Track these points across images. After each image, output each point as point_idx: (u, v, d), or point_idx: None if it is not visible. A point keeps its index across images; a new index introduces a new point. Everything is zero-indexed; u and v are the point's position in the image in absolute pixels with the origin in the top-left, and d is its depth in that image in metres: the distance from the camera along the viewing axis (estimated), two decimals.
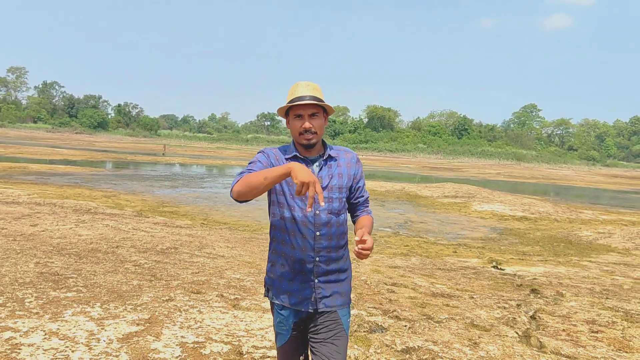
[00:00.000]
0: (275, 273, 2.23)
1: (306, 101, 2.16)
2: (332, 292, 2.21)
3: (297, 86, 2.25)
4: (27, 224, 7.71)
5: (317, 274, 2.18)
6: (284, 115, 2.31)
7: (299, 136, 2.20)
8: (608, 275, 7.74)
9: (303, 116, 2.19)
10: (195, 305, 4.52)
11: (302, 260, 2.16)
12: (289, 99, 2.23)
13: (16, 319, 3.76)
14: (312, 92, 2.21)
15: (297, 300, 2.18)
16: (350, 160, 2.31)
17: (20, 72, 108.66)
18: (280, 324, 2.23)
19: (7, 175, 18.35)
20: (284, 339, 2.24)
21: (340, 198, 2.24)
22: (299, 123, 2.19)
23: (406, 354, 3.79)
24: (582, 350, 4.15)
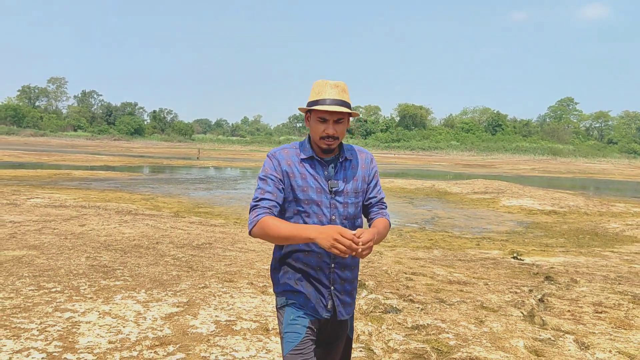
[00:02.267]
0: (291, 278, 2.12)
1: (333, 107, 2.05)
2: (347, 300, 2.16)
3: (324, 86, 2.11)
4: (76, 224, 8.43)
5: (333, 281, 2.11)
6: (304, 112, 2.19)
7: (319, 140, 2.10)
8: (626, 264, 7.92)
9: (328, 121, 2.08)
10: (227, 291, 5.04)
11: (319, 267, 2.10)
12: (314, 99, 2.11)
13: (74, 303, 4.35)
14: (340, 96, 2.09)
15: (314, 304, 2.09)
16: (364, 160, 2.23)
17: (60, 82, 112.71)
18: (294, 321, 2.08)
19: (53, 182, 19.41)
20: (298, 338, 2.05)
21: (356, 203, 2.17)
22: (322, 127, 2.08)
23: (415, 330, 4.21)
24: (581, 327, 4.48)
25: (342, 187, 2.12)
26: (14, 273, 5.17)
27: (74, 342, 3.51)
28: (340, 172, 2.14)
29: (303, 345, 2.03)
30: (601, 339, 4.17)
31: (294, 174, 2.10)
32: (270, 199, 2.05)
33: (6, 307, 4.12)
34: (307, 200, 2.08)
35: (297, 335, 2.04)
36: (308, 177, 2.10)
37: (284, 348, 2.06)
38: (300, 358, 2.02)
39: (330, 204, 2.09)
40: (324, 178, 2.11)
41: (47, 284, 4.83)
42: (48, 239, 7.05)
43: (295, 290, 2.10)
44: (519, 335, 4.15)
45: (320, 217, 2.08)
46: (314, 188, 2.08)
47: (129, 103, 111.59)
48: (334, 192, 2.10)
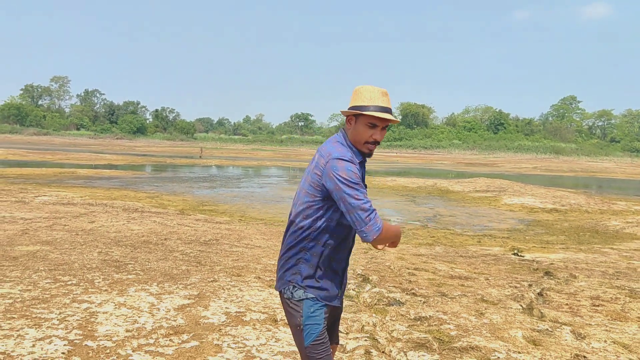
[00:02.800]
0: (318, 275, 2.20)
1: (388, 116, 2.14)
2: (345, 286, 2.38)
3: (375, 92, 2.16)
4: (86, 221, 8.61)
5: (343, 272, 2.28)
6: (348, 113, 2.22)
7: (363, 144, 2.17)
8: (625, 260, 8.07)
9: (377, 127, 2.15)
10: (236, 285, 5.21)
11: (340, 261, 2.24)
12: (365, 104, 2.15)
13: (90, 295, 4.53)
14: (389, 105, 2.19)
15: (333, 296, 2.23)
16: None
17: (63, 81, 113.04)
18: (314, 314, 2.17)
19: (59, 180, 19.60)
20: (319, 329, 2.17)
21: None
22: (370, 132, 2.15)
23: (418, 321, 4.37)
24: (578, 319, 4.64)
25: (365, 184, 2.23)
26: (30, 267, 5.35)
27: (93, 330, 3.68)
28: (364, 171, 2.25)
29: (322, 335, 2.16)
30: (597, 330, 4.33)
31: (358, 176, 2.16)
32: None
33: (25, 299, 4.29)
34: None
35: (317, 327, 2.15)
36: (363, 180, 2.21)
37: (305, 339, 2.15)
38: (322, 347, 2.16)
39: None
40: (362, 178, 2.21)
41: (63, 277, 5.01)
42: (60, 235, 7.23)
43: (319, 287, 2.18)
44: (518, 326, 4.32)
45: None
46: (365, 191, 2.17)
47: (131, 102, 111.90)
48: None
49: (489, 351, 3.71)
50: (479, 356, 3.63)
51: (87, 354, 3.28)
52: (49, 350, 3.30)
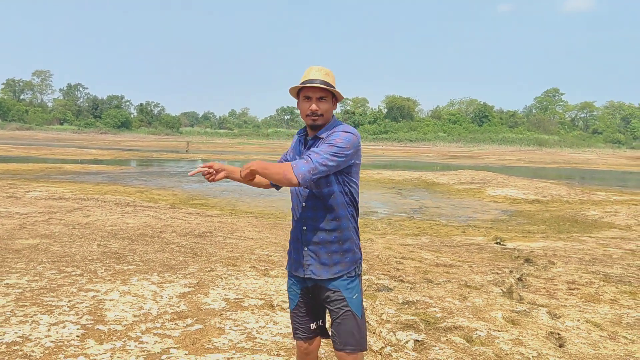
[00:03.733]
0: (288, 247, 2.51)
1: (315, 84, 2.28)
2: (324, 261, 2.31)
3: (310, 70, 2.36)
4: (81, 215, 8.79)
5: (305, 242, 2.34)
6: (295, 96, 2.43)
7: (305, 117, 2.36)
8: (602, 248, 8.47)
9: (311, 99, 2.32)
10: (232, 274, 5.46)
11: (296, 229, 2.40)
12: (301, 81, 2.35)
13: (95, 284, 4.75)
14: (322, 77, 2.32)
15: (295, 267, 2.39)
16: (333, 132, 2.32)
17: (45, 75, 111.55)
18: (290, 289, 2.45)
19: (46, 175, 19.61)
20: (293, 304, 2.45)
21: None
22: (307, 105, 2.33)
23: (405, 305, 4.67)
24: (555, 301, 4.98)
25: None
26: (34, 259, 5.55)
27: (102, 316, 3.92)
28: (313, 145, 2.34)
29: (296, 310, 2.44)
30: (571, 311, 4.67)
31: (293, 149, 2.55)
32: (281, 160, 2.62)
33: (34, 288, 4.51)
34: None
35: (292, 300, 2.45)
36: (291, 151, 2.55)
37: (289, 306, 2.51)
38: (297, 319, 2.45)
39: None
40: (299, 152, 2.46)
41: (67, 268, 5.23)
42: (57, 229, 7.41)
43: (288, 258, 2.48)
44: (498, 308, 4.64)
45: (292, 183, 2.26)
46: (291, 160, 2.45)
47: (115, 96, 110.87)
48: None
49: (471, 330, 4.02)
50: (462, 335, 3.93)
51: (99, 337, 3.52)
52: (64, 334, 3.53)
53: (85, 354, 3.24)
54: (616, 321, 4.43)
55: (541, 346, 3.72)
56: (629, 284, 5.85)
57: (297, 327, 2.46)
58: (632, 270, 6.62)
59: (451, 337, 3.86)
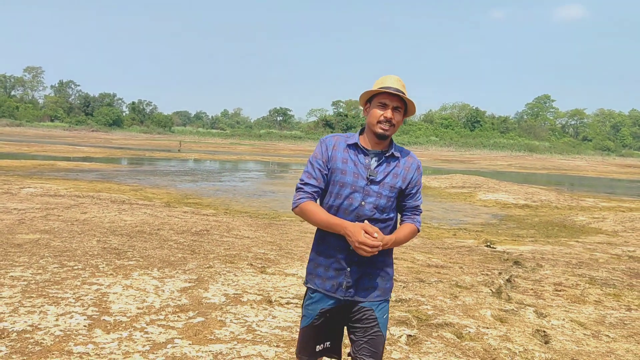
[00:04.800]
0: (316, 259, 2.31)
1: (397, 92, 2.20)
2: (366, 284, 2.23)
3: (388, 78, 2.27)
4: (78, 212, 8.89)
5: (350, 262, 2.21)
6: (363, 103, 2.34)
7: (376, 124, 2.23)
8: (588, 252, 8.70)
9: (387, 106, 2.22)
10: (230, 271, 5.61)
11: (339, 247, 2.21)
12: (377, 87, 2.25)
13: (97, 277, 4.88)
14: (401, 87, 2.24)
15: (329, 286, 2.24)
16: (410, 164, 2.31)
17: (36, 71, 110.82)
18: (308, 306, 2.29)
19: (39, 172, 19.61)
20: (308, 321, 2.29)
21: (389, 197, 2.24)
22: (381, 111, 2.22)
23: (399, 302, 4.84)
24: (541, 301, 5.18)
25: (380, 178, 2.22)
26: (36, 253, 5.67)
27: (107, 307, 4.06)
28: (383, 165, 2.25)
29: (312, 328, 2.27)
30: (557, 311, 4.87)
31: (337, 157, 2.25)
32: (314, 184, 2.24)
33: (38, 281, 4.63)
34: (342, 183, 2.21)
35: (307, 319, 2.28)
36: (348, 162, 2.24)
37: (301, 323, 2.35)
38: (306, 339, 2.30)
39: (364, 190, 2.20)
40: (363, 166, 2.23)
41: (69, 263, 5.35)
42: (56, 225, 7.51)
43: (314, 273, 2.28)
44: (487, 307, 4.82)
45: (351, 200, 2.20)
46: (352, 172, 2.22)
47: (107, 94, 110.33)
48: (371, 180, 2.21)
49: (461, 327, 4.20)
50: (453, 331, 4.11)
51: (106, 327, 3.66)
52: (72, 324, 3.67)
53: (94, 342, 3.38)
54: (600, 321, 4.63)
55: (527, 342, 3.91)
56: (613, 286, 6.07)
57: (306, 347, 2.32)
58: (617, 273, 6.84)
59: (442, 333, 4.04)
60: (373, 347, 2.23)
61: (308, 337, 2.29)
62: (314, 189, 2.24)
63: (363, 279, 2.23)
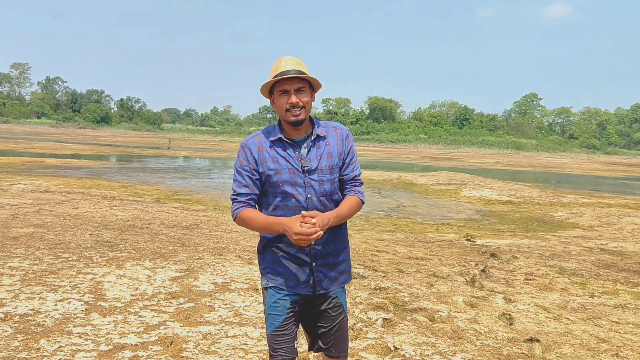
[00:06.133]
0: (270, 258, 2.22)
1: (292, 74, 2.09)
2: (331, 274, 2.21)
3: (280, 61, 2.15)
4: (70, 207, 9.11)
5: (314, 257, 2.16)
6: (267, 95, 2.22)
7: (285, 113, 2.12)
8: (562, 245, 9.08)
9: (289, 91, 2.11)
10: (219, 262, 5.89)
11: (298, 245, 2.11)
12: (272, 76, 2.14)
13: (92, 268, 5.15)
14: (296, 67, 2.13)
15: (294, 283, 2.16)
16: (339, 136, 2.23)
17: (23, 68, 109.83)
18: (275, 304, 2.17)
19: (28, 169, 19.71)
20: (279, 319, 2.17)
21: (332, 180, 2.19)
22: (284, 99, 2.12)
23: (377, 290, 5.16)
24: (511, 289, 5.52)
25: (315, 165, 2.15)
26: (31, 245, 5.91)
27: (102, 295, 4.33)
28: (313, 150, 2.17)
29: (284, 326, 2.16)
30: (524, 297, 5.21)
31: (266, 159, 2.16)
32: (246, 192, 2.17)
33: (36, 271, 4.88)
34: (281, 182, 2.13)
35: (278, 317, 2.16)
36: (280, 159, 2.15)
37: (267, 328, 2.20)
38: (281, 338, 2.16)
39: (304, 182, 2.13)
40: (295, 158, 2.15)
41: (64, 254, 5.60)
42: (49, 219, 7.74)
43: (275, 272, 2.18)
44: (460, 294, 5.15)
45: (297, 196, 2.13)
46: (286, 169, 2.13)
47: (95, 90, 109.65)
48: (307, 171, 2.14)
49: (434, 311, 4.52)
50: (426, 315, 4.43)
51: (102, 311, 3.93)
52: (70, 308, 3.93)
53: (91, 324, 3.65)
54: (563, 306, 4.98)
55: (493, 324, 4.24)
56: (580, 275, 6.44)
57: (280, 348, 2.18)
58: (586, 264, 7.22)
59: (416, 317, 4.36)
60: (343, 332, 2.25)
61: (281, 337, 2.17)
62: (248, 197, 2.18)
63: (327, 269, 2.19)
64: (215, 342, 3.51)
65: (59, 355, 3.14)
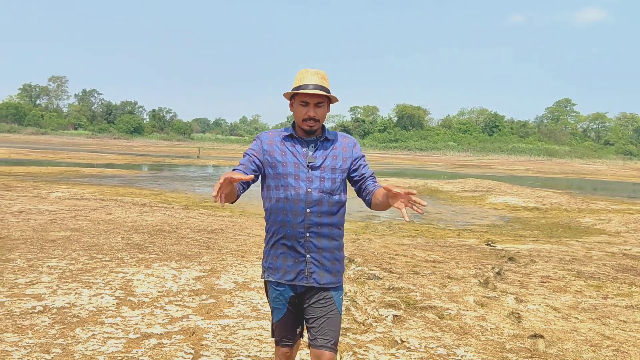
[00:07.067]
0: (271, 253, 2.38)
1: (313, 91, 2.27)
2: (326, 268, 2.34)
3: (305, 73, 2.33)
4: (103, 213, 9.58)
5: (308, 249, 2.30)
6: (289, 98, 2.40)
7: (302, 122, 2.33)
8: (585, 250, 9.08)
9: (309, 104, 2.30)
10: (241, 263, 6.19)
11: (294, 237, 2.29)
12: (296, 85, 2.32)
13: (123, 267, 5.51)
14: (320, 82, 2.30)
15: (292, 276, 2.31)
16: (346, 144, 2.41)
17: (60, 81, 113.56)
18: (277, 299, 2.36)
19: (65, 178, 20.52)
20: (282, 312, 2.38)
21: (333, 178, 2.34)
22: (303, 110, 2.31)
23: (390, 290, 5.36)
24: (524, 290, 5.65)
25: (319, 163, 2.33)
26: (68, 247, 6.33)
27: (132, 291, 4.67)
28: (320, 149, 2.35)
29: (287, 318, 2.38)
30: (536, 298, 5.33)
31: (274, 151, 2.36)
32: (239, 169, 2.32)
33: (72, 270, 5.27)
34: (285, 174, 2.31)
35: (280, 310, 2.38)
36: (287, 154, 2.35)
37: (272, 317, 2.45)
38: (282, 329, 2.41)
39: (307, 177, 2.30)
40: (302, 155, 2.34)
41: (97, 255, 5.99)
42: (84, 224, 8.20)
43: (274, 267, 2.35)
44: (472, 294, 5.32)
45: (297, 189, 2.29)
46: (292, 163, 2.32)
47: (128, 102, 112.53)
48: (311, 167, 2.32)
49: (444, 309, 4.70)
50: (435, 312, 4.62)
51: (131, 305, 4.26)
52: (103, 302, 4.28)
53: (122, 316, 3.98)
54: (574, 306, 5.09)
55: (500, 321, 4.40)
56: (597, 279, 6.49)
57: (284, 336, 2.44)
58: (605, 268, 7.25)
59: (425, 314, 4.55)
60: (332, 326, 2.32)
61: (285, 326, 2.41)
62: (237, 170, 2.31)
63: (321, 263, 2.32)
64: (232, 333, 3.79)
65: (93, 342, 3.46)
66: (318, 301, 2.32)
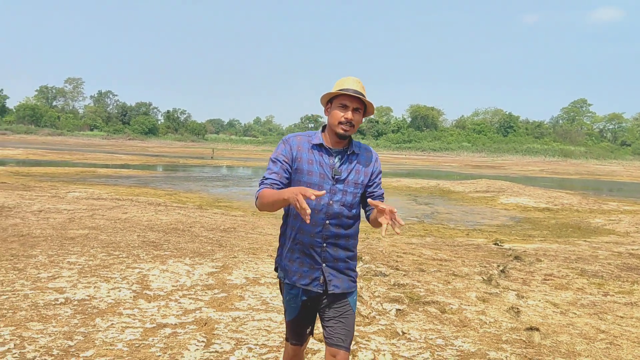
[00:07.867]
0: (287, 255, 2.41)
1: (356, 94, 2.30)
2: (340, 276, 2.38)
3: (347, 80, 2.37)
4: (120, 212, 9.89)
5: (324, 259, 2.34)
6: (325, 104, 2.42)
7: (337, 125, 2.32)
8: (591, 250, 9.18)
9: (348, 107, 2.31)
10: (252, 260, 6.42)
11: (311, 245, 2.33)
12: (338, 89, 2.34)
13: (139, 263, 5.77)
14: (360, 89, 2.35)
15: (307, 281, 2.35)
16: (369, 158, 2.44)
17: (77, 82, 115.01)
18: (291, 301, 2.42)
19: (82, 178, 20.96)
20: (294, 312, 2.43)
21: (354, 193, 2.38)
22: (341, 112, 2.31)
23: (396, 286, 5.55)
24: (526, 287, 5.80)
25: (344, 176, 2.34)
26: (87, 244, 6.61)
27: (148, 285, 4.92)
28: (346, 163, 2.36)
29: (299, 318, 2.44)
30: (537, 294, 5.49)
31: (302, 158, 2.35)
32: (274, 178, 2.31)
33: (91, 266, 5.54)
34: (309, 183, 2.30)
35: (293, 310, 2.43)
36: (314, 163, 2.34)
37: (285, 316, 2.51)
38: (294, 328, 2.48)
39: (330, 189, 2.31)
40: (328, 166, 2.34)
41: (114, 252, 6.26)
42: (102, 222, 8.50)
43: (289, 270, 2.39)
44: (474, 290, 5.48)
45: (319, 200, 2.28)
46: (318, 173, 2.32)
47: (143, 103, 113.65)
48: (336, 180, 2.33)
49: (446, 304, 4.88)
50: (438, 307, 4.80)
51: (147, 298, 4.51)
52: (120, 295, 4.53)
53: (138, 308, 4.23)
54: (573, 303, 5.24)
55: (499, 316, 4.57)
56: (600, 277, 6.62)
57: (296, 334, 2.51)
58: (610, 267, 7.36)
59: (427, 309, 4.74)
60: (347, 325, 2.38)
61: (297, 326, 2.47)
62: (274, 181, 2.31)
63: (336, 272, 2.37)
64: (242, 324, 4.02)
65: (112, 330, 3.71)
66: (333, 302, 2.38)
